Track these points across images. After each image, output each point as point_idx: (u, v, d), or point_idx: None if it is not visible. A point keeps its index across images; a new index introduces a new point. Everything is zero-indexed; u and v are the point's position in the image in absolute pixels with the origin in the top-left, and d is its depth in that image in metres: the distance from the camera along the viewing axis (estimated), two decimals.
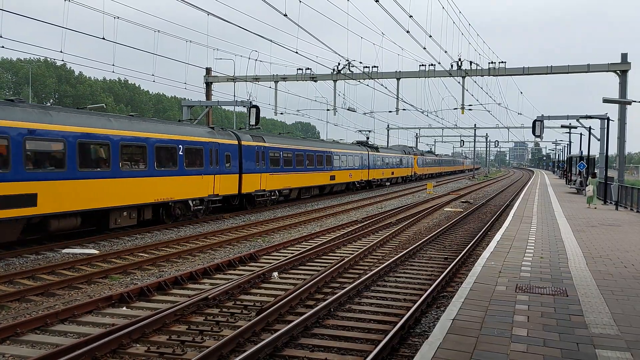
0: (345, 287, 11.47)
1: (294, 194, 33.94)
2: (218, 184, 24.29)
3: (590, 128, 40.05)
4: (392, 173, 57.16)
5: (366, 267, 14.20)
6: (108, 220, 18.69)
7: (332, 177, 39.26)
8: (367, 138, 58.77)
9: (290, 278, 12.99)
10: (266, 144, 29.12)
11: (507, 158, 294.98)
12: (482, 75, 35.76)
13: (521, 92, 49.41)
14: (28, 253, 15.64)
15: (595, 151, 43.69)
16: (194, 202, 22.74)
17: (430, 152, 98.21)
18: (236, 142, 26.26)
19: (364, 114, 50.89)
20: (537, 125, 38.00)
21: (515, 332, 7.00)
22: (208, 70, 38.67)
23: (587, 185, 29.66)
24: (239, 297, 11.12)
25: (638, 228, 19.02)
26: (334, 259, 15.20)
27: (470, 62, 34.76)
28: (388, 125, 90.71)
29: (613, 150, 40.82)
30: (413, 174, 69.09)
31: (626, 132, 32.42)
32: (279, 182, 30.67)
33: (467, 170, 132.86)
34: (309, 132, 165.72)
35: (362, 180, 46.92)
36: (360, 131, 61.38)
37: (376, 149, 52.38)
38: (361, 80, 36.61)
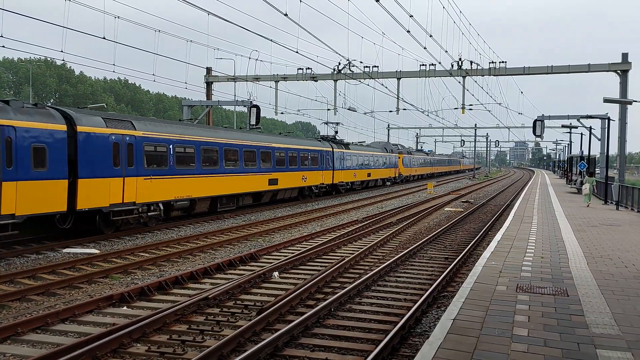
0: (345, 287, 11.47)
1: (202, 206, 23.86)
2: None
3: (590, 128, 40.08)
4: (369, 175, 48.56)
5: (367, 267, 14.20)
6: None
7: (273, 182, 29.92)
8: (336, 132, 46.06)
9: (290, 278, 12.99)
10: (137, 133, 19.58)
11: (508, 158, 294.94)
12: (482, 75, 35.77)
13: (522, 92, 49.44)
14: (29, 252, 15.64)
15: (595, 151, 43.75)
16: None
17: (420, 150, 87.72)
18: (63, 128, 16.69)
19: (365, 113, 50.86)
20: (538, 125, 38.04)
21: (515, 332, 7.00)
22: (208, 69, 38.69)
23: (584, 184, 30.64)
24: (239, 297, 11.12)
25: (638, 228, 19.01)
26: (334, 259, 15.19)
27: (471, 62, 34.77)
28: (388, 125, 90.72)
29: (614, 150, 40.86)
30: (397, 175, 60.64)
31: (627, 132, 32.42)
32: (160, 191, 20.70)
33: (467, 170, 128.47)
34: (310, 131, 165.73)
35: (323, 184, 37.63)
36: (327, 123, 48.45)
37: (345, 145, 43.76)
38: (362, 80, 36.62)
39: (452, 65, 34.75)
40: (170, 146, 21.24)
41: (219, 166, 24.59)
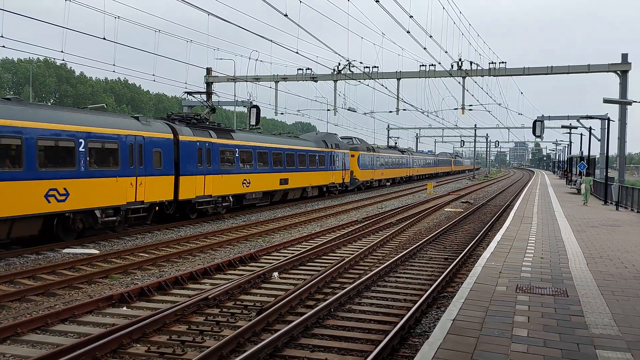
0: (345, 287, 11.47)
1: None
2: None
3: (590, 128, 40.11)
4: (283, 182, 31.21)
5: (366, 268, 14.20)
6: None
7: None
8: (201, 115, 27.22)
9: (290, 278, 12.99)
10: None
11: (508, 158, 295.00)
12: (482, 76, 35.76)
13: (521, 92, 49.47)
14: (28, 253, 15.63)
15: (595, 151, 43.77)
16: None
17: (393, 147, 69.43)
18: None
19: (364, 114, 50.87)
20: (538, 126, 38.09)
21: (515, 333, 7.00)
22: (208, 70, 38.69)
23: (580, 184, 32.52)
24: (239, 297, 11.12)
25: (638, 228, 19.01)
26: (334, 259, 15.19)
27: (471, 63, 34.77)
28: (388, 126, 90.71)
29: (613, 150, 40.86)
30: (351, 180, 43.54)
31: (626, 133, 32.42)
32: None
33: (465, 171, 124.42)
34: (309, 132, 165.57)
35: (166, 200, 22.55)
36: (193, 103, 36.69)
37: (227, 132, 26.91)
38: (361, 81, 36.62)
39: (452, 66, 34.77)
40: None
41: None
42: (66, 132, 16.50)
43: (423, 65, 35.44)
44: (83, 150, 16.98)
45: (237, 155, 26.15)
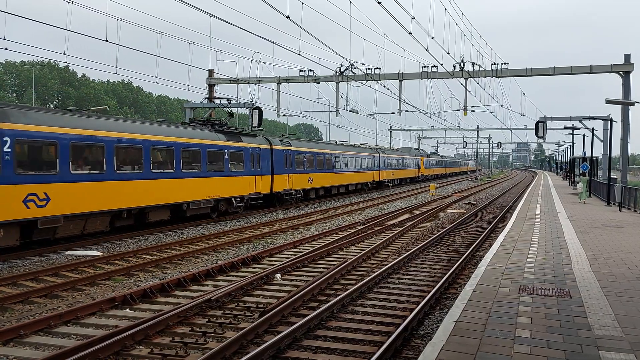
0: (348, 289, 11.47)
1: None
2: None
3: (593, 129, 40.04)
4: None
5: (369, 269, 14.19)
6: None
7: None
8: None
9: (293, 280, 12.99)
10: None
11: (510, 159, 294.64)
12: (484, 77, 35.73)
13: (524, 94, 49.38)
14: (31, 255, 15.66)
15: (598, 152, 43.62)
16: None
17: (310, 140, 62.59)
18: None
19: (367, 115, 50.84)
20: (540, 127, 38.03)
21: (518, 334, 6.99)
22: (210, 72, 38.73)
23: (578, 183, 34.95)
24: (242, 299, 11.12)
25: None
26: (336, 261, 15.19)
27: (473, 64, 34.76)
28: (390, 127, 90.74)
29: (616, 151, 40.82)
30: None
31: (629, 134, 32.36)
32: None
33: (461, 173, 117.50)
34: (312, 133, 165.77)
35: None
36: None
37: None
38: (364, 82, 36.61)
39: (454, 67, 34.76)
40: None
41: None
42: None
43: (425, 66, 35.45)
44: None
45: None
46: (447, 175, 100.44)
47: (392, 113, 41.78)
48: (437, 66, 35.10)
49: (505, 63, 34.67)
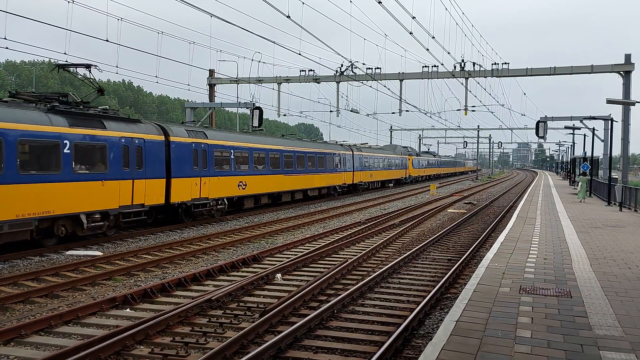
0: (348, 289, 11.47)
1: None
2: None
3: (593, 129, 40.04)
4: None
5: (370, 269, 14.19)
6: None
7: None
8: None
9: (293, 280, 12.99)
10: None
11: (511, 159, 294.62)
12: (485, 77, 35.78)
13: (524, 93, 49.41)
14: (32, 255, 15.66)
15: (599, 152, 43.65)
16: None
17: (249, 131, 44.89)
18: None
19: (367, 115, 50.88)
20: (541, 127, 38.05)
21: (519, 334, 6.99)
22: (211, 72, 38.76)
23: (578, 183, 35.06)
24: (242, 299, 11.12)
25: None
26: (337, 261, 15.19)
27: (473, 64, 34.80)
28: (391, 127, 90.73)
29: (617, 151, 40.82)
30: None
31: (630, 133, 32.38)
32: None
33: (458, 174, 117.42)
34: (312, 133, 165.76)
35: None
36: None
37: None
38: (364, 82, 36.64)
39: (455, 67, 34.79)
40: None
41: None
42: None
43: (426, 66, 35.52)
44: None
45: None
46: (441, 176, 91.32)
47: (393, 113, 41.83)
48: (437, 66, 35.17)
49: (505, 63, 34.73)
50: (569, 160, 69.79)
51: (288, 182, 31.29)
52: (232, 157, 25.37)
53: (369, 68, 35.65)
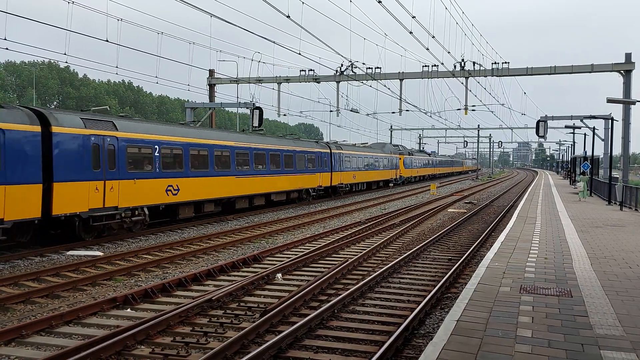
0: (349, 289, 11.47)
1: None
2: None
3: (594, 128, 40.00)
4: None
5: (370, 269, 14.19)
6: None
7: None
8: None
9: (294, 279, 12.99)
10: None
11: (511, 159, 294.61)
12: (485, 76, 35.76)
13: (524, 93, 49.36)
14: (33, 255, 15.67)
15: (599, 151, 43.61)
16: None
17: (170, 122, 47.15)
18: None
19: (367, 115, 50.87)
20: (541, 126, 38.03)
21: (519, 333, 6.99)
22: (211, 72, 38.76)
23: (578, 182, 35.27)
24: (243, 299, 11.13)
25: None
26: (337, 260, 15.19)
27: (474, 63, 34.77)
28: (391, 127, 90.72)
29: (617, 150, 40.79)
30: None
31: (630, 133, 32.37)
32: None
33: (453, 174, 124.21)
34: (312, 133, 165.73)
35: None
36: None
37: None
38: (364, 82, 36.64)
39: (455, 66, 34.76)
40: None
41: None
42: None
43: (426, 65, 35.48)
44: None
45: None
46: (436, 176, 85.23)
47: (393, 112, 41.85)
48: (437, 65, 35.14)
49: (505, 62, 34.71)
50: (570, 159, 69.78)
51: (242, 185, 26.22)
52: (156, 154, 20.40)
53: (369, 68, 35.66)
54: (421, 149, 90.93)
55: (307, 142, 37.74)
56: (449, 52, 32.64)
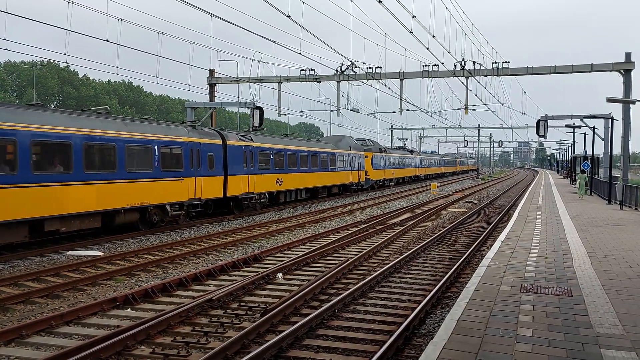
0: (349, 288, 11.46)
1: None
2: None
3: (594, 128, 39.99)
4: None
5: (370, 268, 14.19)
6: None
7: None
8: None
9: (294, 279, 12.99)
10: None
11: (511, 158, 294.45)
12: (485, 76, 35.76)
13: (525, 92, 49.38)
14: (33, 255, 15.67)
15: (599, 151, 43.62)
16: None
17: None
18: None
19: (368, 114, 50.84)
20: (541, 125, 38.03)
21: (520, 332, 6.99)
22: (211, 71, 38.75)
23: (577, 180, 36.41)
24: (243, 299, 11.13)
25: None
26: (338, 260, 15.19)
27: (474, 62, 34.76)
28: (392, 126, 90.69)
29: (617, 149, 40.79)
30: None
31: (630, 132, 32.36)
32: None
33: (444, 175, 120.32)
34: (313, 133, 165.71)
35: None
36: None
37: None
38: (365, 81, 36.63)
39: (455, 66, 34.75)
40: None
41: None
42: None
43: (426, 65, 35.47)
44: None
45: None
46: (420, 177, 72.87)
47: (393, 112, 41.78)
48: (438, 65, 35.13)
49: (506, 62, 34.70)
50: (570, 158, 69.78)
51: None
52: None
53: (370, 67, 35.66)
54: (402, 145, 79.87)
55: (176, 127, 22.90)
56: (449, 52, 32.60)
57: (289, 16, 19.97)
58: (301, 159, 33.56)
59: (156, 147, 20.40)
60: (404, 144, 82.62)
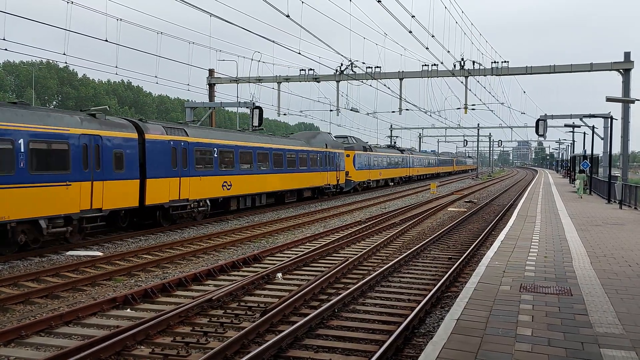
0: (349, 288, 11.46)
1: None
2: None
3: (593, 127, 40.02)
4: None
5: (370, 268, 14.19)
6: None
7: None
8: None
9: (294, 279, 12.98)
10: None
11: (511, 158, 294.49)
12: (484, 75, 35.77)
13: (524, 92, 49.35)
14: (32, 255, 15.65)
15: (598, 150, 43.63)
16: None
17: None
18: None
19: (367, 114, 50.83)
20: (541, 125, 38.06)
21: (519, 332, 6.99)
22: (211, 71, 38.75)
23: (576, 180, 36.47)
24: (243, 298, 11.12)
25: None
26: (338, 260, 15.19)
27: (473, 62, 34.77)
28: (391, 126, 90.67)
29: (617, 149, 40.80)
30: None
31: (629, 131, 32.38)
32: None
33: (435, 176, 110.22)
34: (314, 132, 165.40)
35: None
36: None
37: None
38: (364, 81, 36.63)
39: (455, 66, 34.75)
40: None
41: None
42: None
43: (425, 65, 35.48)
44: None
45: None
46: (412, 178, 67.99)
47: (393, 112, 41.78)
48: (437, 65, 35.14)
49: (505, 61, 34.71)
50: (569, 158, 69.81)
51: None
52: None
53: (369, 67, 35.66)
54: (392, 143, 74.89)
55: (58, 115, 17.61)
56: (448, 52, 32.58)
57: (288, 16, 19.96)
58: (259, 157, 27.99)
59: (21, 140, 15.02)
60: (394, 142, 77.66)
